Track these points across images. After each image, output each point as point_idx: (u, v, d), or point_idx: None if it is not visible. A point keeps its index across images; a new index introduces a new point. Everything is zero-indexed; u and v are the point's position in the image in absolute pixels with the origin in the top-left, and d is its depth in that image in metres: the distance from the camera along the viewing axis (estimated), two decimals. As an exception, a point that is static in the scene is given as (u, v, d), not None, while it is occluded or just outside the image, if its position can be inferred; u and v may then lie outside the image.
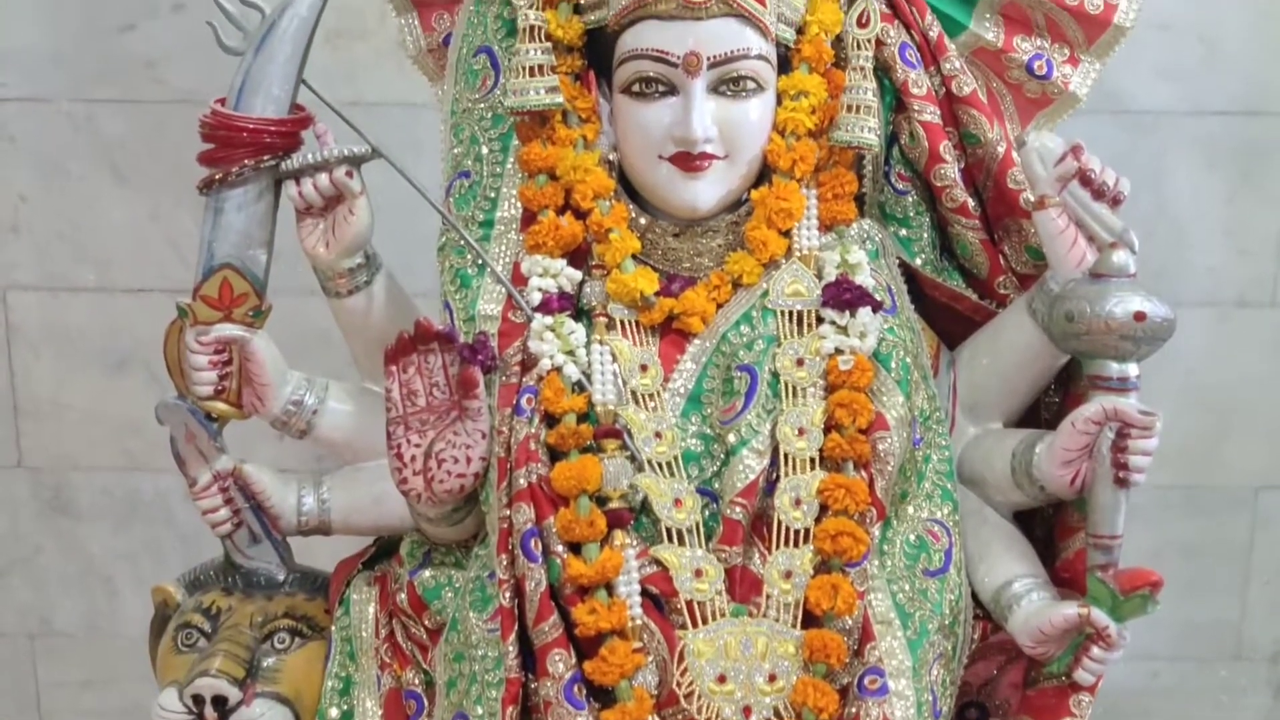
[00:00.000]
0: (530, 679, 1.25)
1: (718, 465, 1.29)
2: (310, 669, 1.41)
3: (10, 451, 2.32)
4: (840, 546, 1.24)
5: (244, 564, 1.46)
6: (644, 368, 1.31)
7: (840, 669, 1.24)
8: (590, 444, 1.28)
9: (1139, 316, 1.24)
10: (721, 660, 1.24)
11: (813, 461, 1.27)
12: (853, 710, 1.23)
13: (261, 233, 1.39)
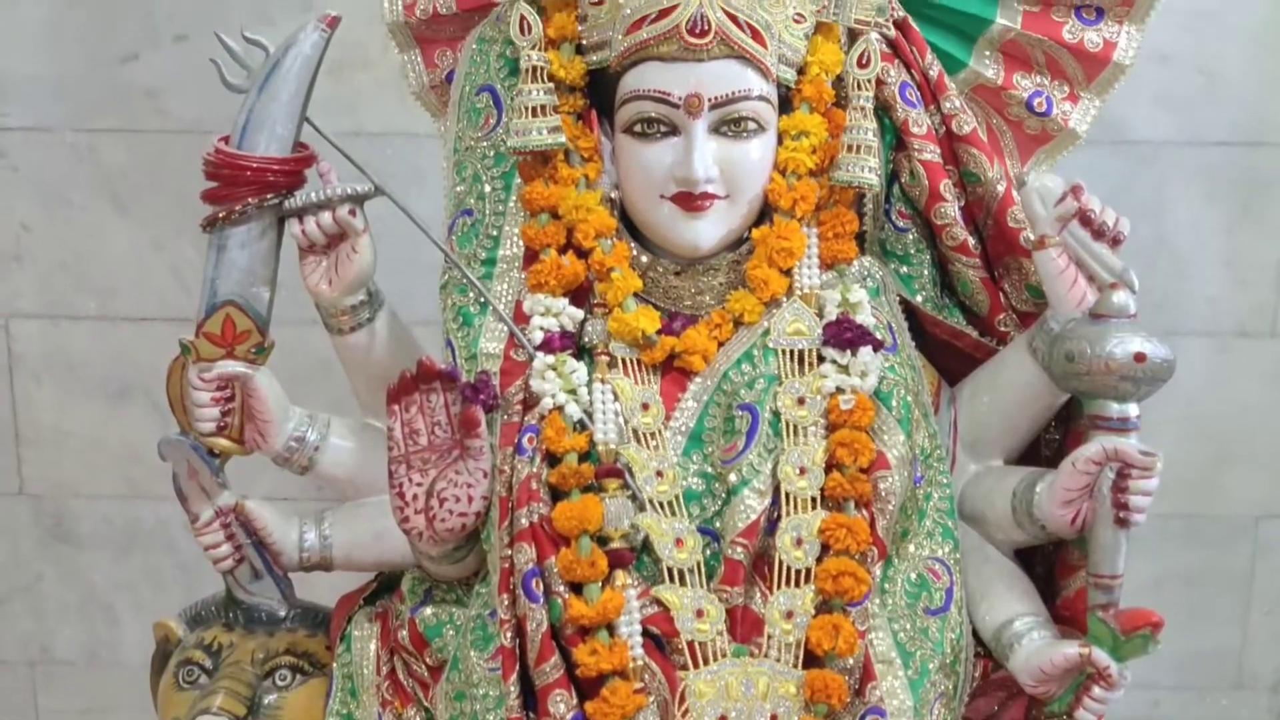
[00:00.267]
0: (532, 719, 1.25)
1: (719, 504, 1.29)
2: (311, 706, 1.42)
3: (11, 479, 2.32)
4: (842, 586, 1.24)
5: (245, 600, 1.46)
6: (645, 406, 1.32)
7: (841, 709, 1.24)
8: (592, 483, 1.28)
9: (1139, 358, 1.25)
10: (723, 701, 1.24)
11: (814, 501, 1.28)
12: (855, 750, 1.23)
13: (264, 270, 1.39)
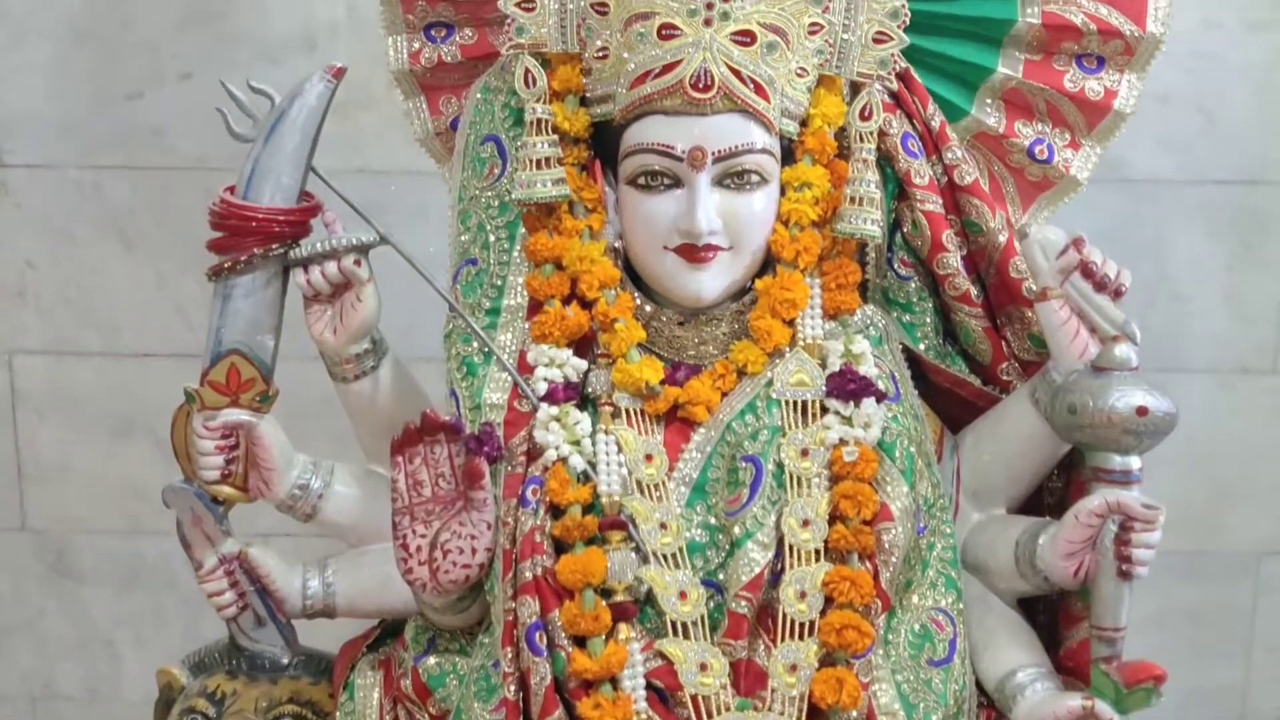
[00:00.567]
0: (535, 771, 1.25)
1: (722, 556, 1.29)
2: (315, 754, 1.42)
3: (14, 514, 2.33)
4: (845, 640, 1.24)
5: (249, 647, 1.46)
6: (649, 457, 1.32)
7: (845, 761, 1.24)
8: (595, 536, 1.28)
9: (1142, 411, 1.25)
10: (727, 754, 1.24)
11: (817, 553, 1.28)
12: (858, 804, 1.23)
13: (269, 319, 1.40)
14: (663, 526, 1.29)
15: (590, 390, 1.36)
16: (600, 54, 1.34)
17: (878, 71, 1.36)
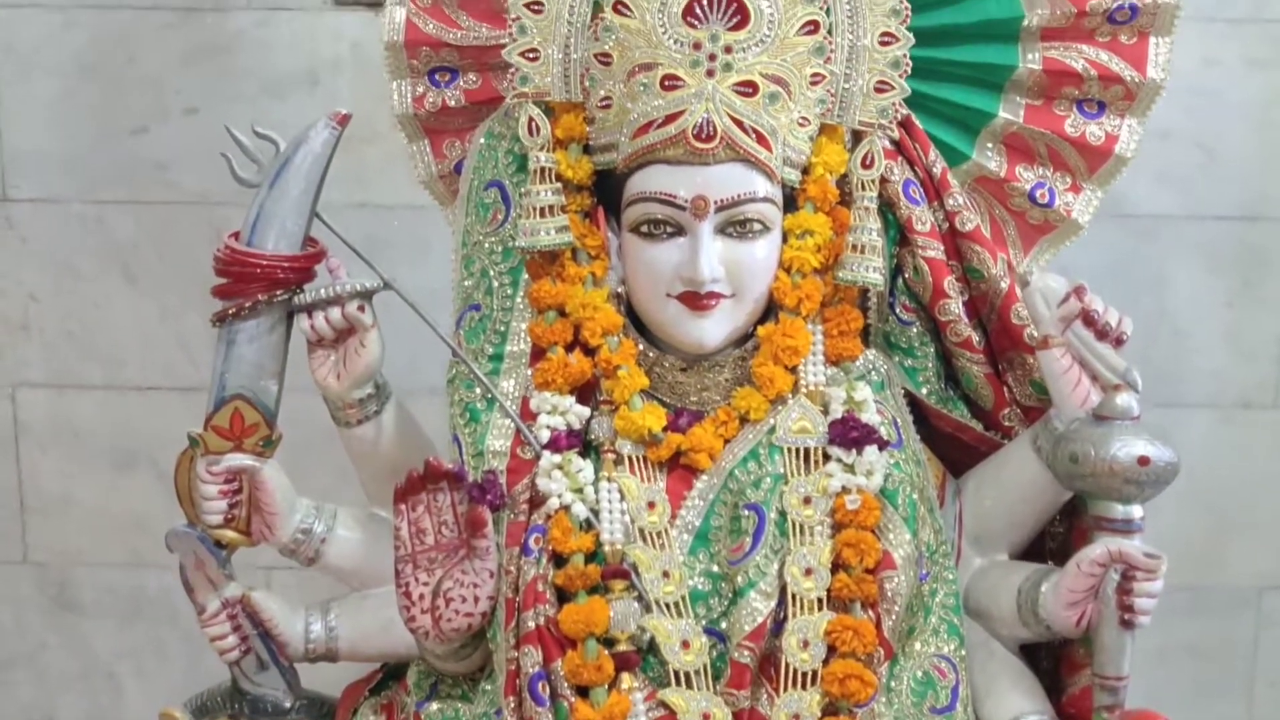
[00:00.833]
0: (537, 820, 1.25)
1: (725, 605, 1.29)
2: (317, 799, 1.42)
3: (16, 547, 2.32)
4: (848, 689, 1.24)
5: (251, 690, 1.46)
6: (651, 505, 1.32)
7: (848, 811, 1.24)
8: (598, 584, 1.28)
9: (1143, 461, 1.25)
10: (730, 805, 1.24)
11: (820, 602, 1.28)
12: None
13: (273, 364, 1.40)
14: (665, 575, 1.29)
15: (593, 437, 1.36)
16: (603, 103, 1.35)
17: (879, 120, 1.36)
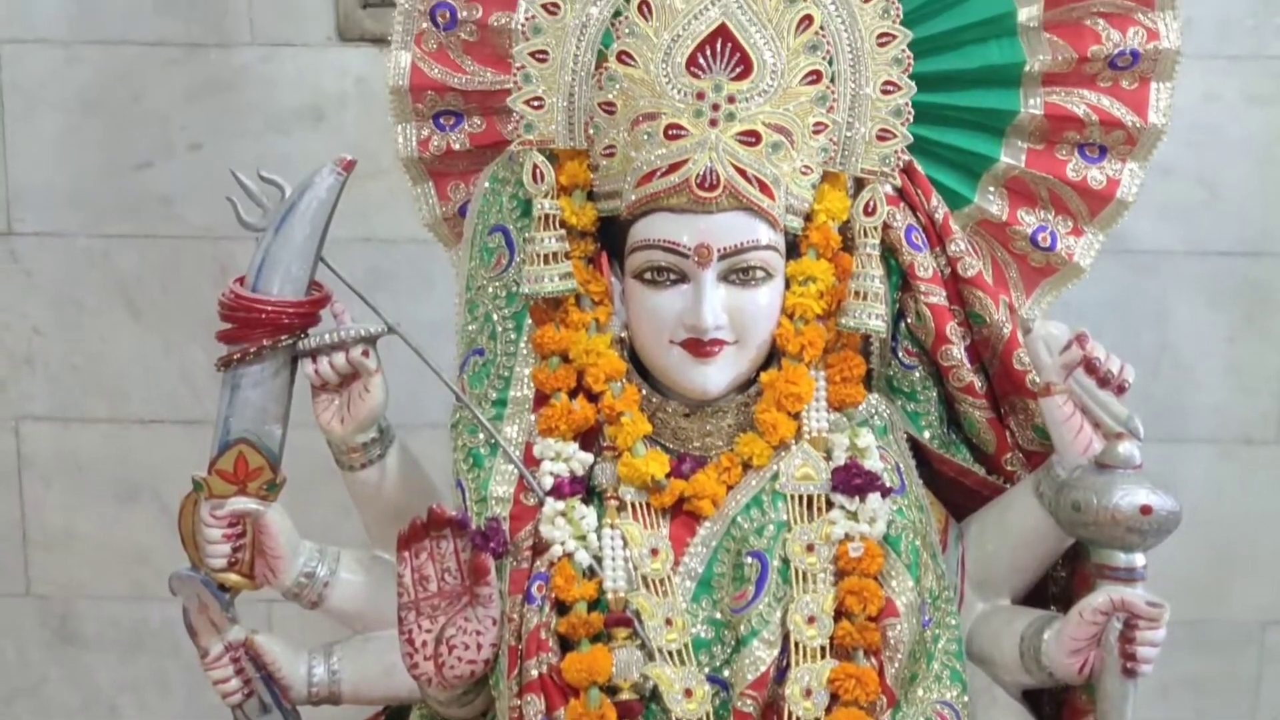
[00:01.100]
0: None
1: (728, 652, 1.29)
2: (320, 843, 1.42)
3: (19, 580, 2.33)
4: (851, 737, 1.25)
5: (254, 734, 1.46)
6: (654, 551, 1.32)
7: None
8: (601, 632, 1.28)
9: (1146, 510, 1.26)
10: None
11: (823, 650, 1.28)
12: None
13: (277, 408, 1.41)
14: (668, 622, 1.30)
15: (596, 483, 1.36)
16: (607, 151, 1.35)
17: (882, 168, 1.37)
